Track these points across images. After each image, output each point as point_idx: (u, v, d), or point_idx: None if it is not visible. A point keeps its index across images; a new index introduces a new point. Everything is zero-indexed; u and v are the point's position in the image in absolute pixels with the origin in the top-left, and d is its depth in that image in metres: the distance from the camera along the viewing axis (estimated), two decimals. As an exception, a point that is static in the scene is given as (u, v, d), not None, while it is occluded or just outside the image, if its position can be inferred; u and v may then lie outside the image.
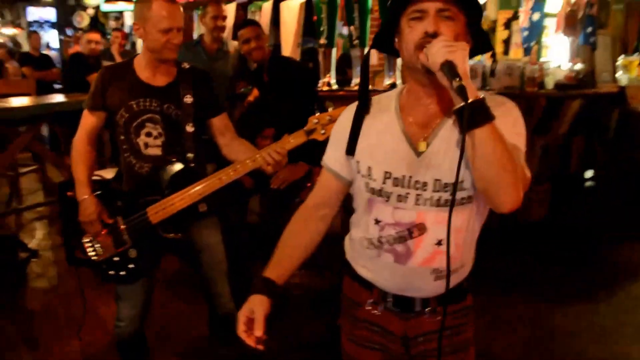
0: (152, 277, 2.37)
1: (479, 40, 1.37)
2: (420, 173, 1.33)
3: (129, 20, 10.21)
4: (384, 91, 1.49)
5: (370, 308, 1.47)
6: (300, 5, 4.95)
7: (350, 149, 1.41)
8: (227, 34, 4.27)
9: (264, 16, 5.36)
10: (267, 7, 5.31)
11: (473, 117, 1.16)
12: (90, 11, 10.76)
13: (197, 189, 2.18)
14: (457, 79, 1.16)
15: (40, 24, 12.78)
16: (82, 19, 11.17)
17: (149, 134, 2.25)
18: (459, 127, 1.23)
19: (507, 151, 1.20)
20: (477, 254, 1.49)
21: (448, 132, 1.32)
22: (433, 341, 1.43)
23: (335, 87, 4.72)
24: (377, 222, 1.39)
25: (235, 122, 2.82)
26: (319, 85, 4.62)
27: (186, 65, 2.34)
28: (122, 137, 2.25)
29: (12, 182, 5.19)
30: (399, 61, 4.40)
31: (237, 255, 2.86)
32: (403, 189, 1.34)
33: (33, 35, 8.29)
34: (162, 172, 2.23)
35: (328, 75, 4.75)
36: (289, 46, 4.93)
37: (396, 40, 1.35)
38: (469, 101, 1.15)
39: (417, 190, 1.33)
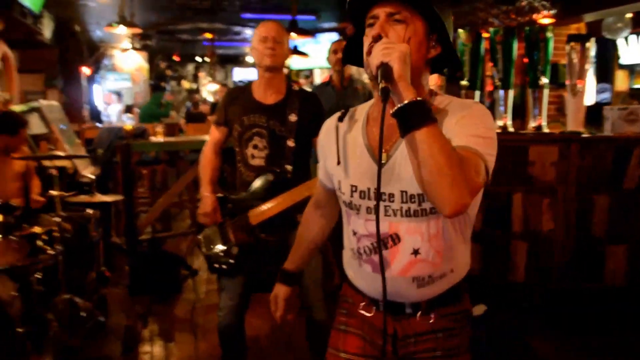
0: (251, 276, 2.71)
1: (450, 52, 1.38)
2: (385, 185, 1.35)
3: (318, 78, 11.33)
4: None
5: (363, 310, 1.54)
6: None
7: (339, 161, 1.47)
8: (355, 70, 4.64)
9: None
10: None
11: (408, 119, 1.16)
12: (285, 70, 12.14)
13: (290, 197, 2.51)
14: (383, 81, 1.16)
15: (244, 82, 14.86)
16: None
17: (255, 146, 2.64)
18: (400, 131, 1.19)
19: (446, 154, 1.16)
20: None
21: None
22: (424, 342, 1.46)
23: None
24: (354, 233, 1.46)
25: None
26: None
27: (296, 88, 2.76)
28: (237, 149, 2.70)
29: (191, 211, 6.17)
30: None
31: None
32: (370, 201, 1.39)
33: (222, 88, 9.76)
34: (262, 181, 2.60)
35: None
36: (430, 90, 5.12)
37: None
38: (404, 103, 1.15)
39: (385, 202, 1.36)
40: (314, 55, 8.75)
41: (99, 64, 12.63)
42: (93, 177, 3.94)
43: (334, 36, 9.21)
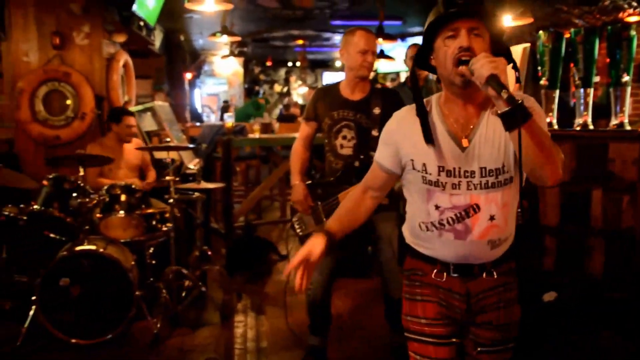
0: (340, 254, 3.06)
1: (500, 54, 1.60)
2: (467, 164, 1.65)
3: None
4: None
5: (435, 276, 1.77)
6: (524, 50, 5.26)
7: (428, 139, 1.67)
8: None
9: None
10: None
11: (518, 117, 1.42)
12: (372, 74, 12.50)
13: None
14: (505, 90, 1.40)
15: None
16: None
17: (344, 137, 3.01)
18: (505, 126, 1.46)
19: (547, 137, 1.50)
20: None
21: (484, 129, 1.64)
22: (490, 297, 1.75)
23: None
24: (437, 207, 1.70)
25: None
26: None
27: (379, 86, 3.11)
28: (326, 141, 3.10)
29: (282, 204, 6.67)
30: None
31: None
32: (455, 179, 1.66)
33: (311, 91, 10.25)
34: (352, 167, 2.95)
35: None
36: (510, 89, 5.27)
37: (432, 58, 1.68)
38: (516, 104, 1.40)
39: (467, 178, 1.65)
40: (401, 58, 8.99)
41: (199, 69, 13.58)
42: (197, 168, 4.47)
43: (420, 40, 9.42)
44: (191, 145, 5.21)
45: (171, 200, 3.84)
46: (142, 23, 5.94)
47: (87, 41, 5.27)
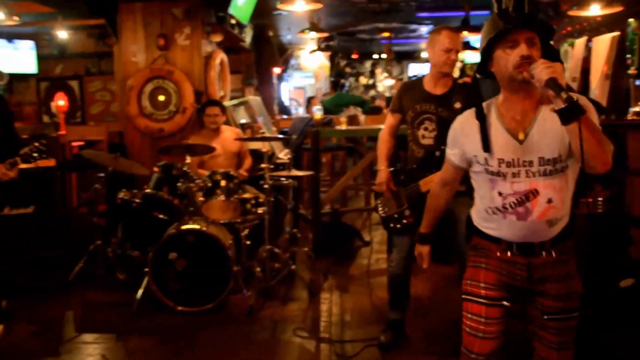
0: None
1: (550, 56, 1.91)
2: (526, 154, 1.92)
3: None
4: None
5: (500, 255, 2.06)
6: (612, 38, 5.30)
7: (486, 148, 1.97)
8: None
9: (576, 51, 5.87)
10: (580, 43, 5.81)
11: (576, 113, 1.66)
12: (459, 64, 12.61)
13: None
14: (564, 91, 1.66)
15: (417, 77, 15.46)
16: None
17: (426, 129, 3.29)
18: (562, 121, 1.70)
19: (599, 130, 1.76)
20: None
21: (540, 123, 1.91)
22: (549, 270, 2.03)
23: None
24: (500, 194, 1.99)
25: None
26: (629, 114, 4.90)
27: (460, 81, 3.36)
28: (409, 131, 3.40)
29: (366, 193, 7.03)
30: None
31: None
32: (515, 168, 1.94)
33: (398, 82, 10.47)
34: (433, 156, 3.22)
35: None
36: (595, 79, 5.34)
37: (489, 65, 1.97)
38: (568, 102, 1.65)
39: (526, 167, 1.93)
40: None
41: (287, 64, 14.17)
42: (288, 157, 4.91)
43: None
44: (280, 137, 5.68)
45: (266, 186, 4.29)
46: (234, 22, 6.48)
47: (188, 42, 5.86)
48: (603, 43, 5.46)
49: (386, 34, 11.74)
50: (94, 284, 4.66)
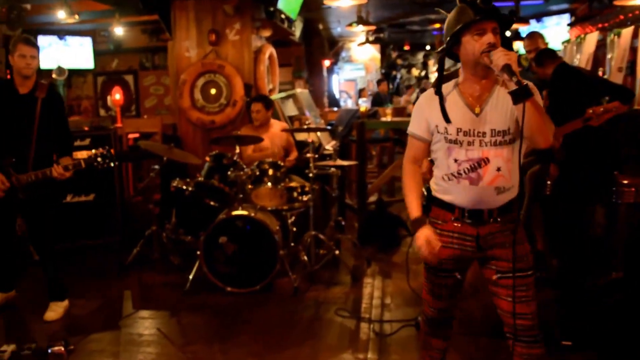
0: None
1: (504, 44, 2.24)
2: (480, 126, 2.27)
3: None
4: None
5: (453, 222, 2.37)
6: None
7: (445, 118, 2.29)
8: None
9: (622, 41, 5.94)
10: (627, 32, 5.87)
11: (525, 95, 2.04)
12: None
13: None
14: (515, 77, 2.02)
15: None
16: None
17: None
18: (513, 101, 2.07)
19: (543, 111, 2.13)
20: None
21: (493, 100, 2.26)
22: (497, 238, 2.33)
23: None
24: (455, 161, 2.32)
25: None
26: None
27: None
28: None
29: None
30: None
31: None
32: (470, 137, 2.28)
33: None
34: None
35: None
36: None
37: (456, 48, 2.27)
38: (523, 85, 2.02)
39: (480, 137, 2.27)
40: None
41: (337, 56, 14.50)
42: (334, 148, 5.23)
43: (564, 19, 9.44)
44: (328, 127, 6.00)
45: (311, 175, 4.62)
46: (283, 16, 6.84)
47: (238, 37, 6.26)
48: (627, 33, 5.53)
49: (437, 25, 11.89)
50: (150, 267, 5.13)
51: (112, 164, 3.95)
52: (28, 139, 3.85)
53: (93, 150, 3.93)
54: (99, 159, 3.88)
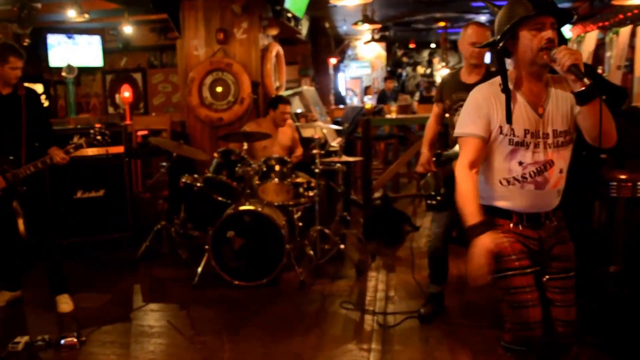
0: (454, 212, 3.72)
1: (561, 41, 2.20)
2: (544, 127, 2.19)
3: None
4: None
5: (512, 228, 2.26)
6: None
7: (509, 119, 2.17)
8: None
9: (621, 40, 5.98)
10: (626, 31, 5.92)
11: (593, 95, 1.98)
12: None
13: None
14: (586, 78, 1.94)
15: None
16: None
17: (460, 114, 3.64)
18: (578, 102, 2.02)
19: (606, 110, 2.03)
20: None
21: (553, 100, 2.20)
22: (553, 237, 2.31)
23: None
24: (520, 164, 2.21)
25: None
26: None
27: (492, 69, 3.67)
28: (447, 115, 3.73)
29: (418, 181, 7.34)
30: None
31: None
32: (537, 139, 2.19)
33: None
34: None
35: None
36: (638, 67, 5.45)
37: (511, 43, 2.15)
38: (590, 85, 1.94)
39: (544, 139, 2.19)
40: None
41: (343, 54, 14.56)
42: (339, 145, 5.30)
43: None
44: (332, 125, 6.08)
45: (317, 170, 4.70)
46: (290, 15, 6.91)
47: (246, 36, 6.33)
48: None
49: (442, 24, 11.93)
50: (159, 261, 5.22)
51: (108, 140, 4.14)
52: (18, 136, 3.95)
53: (91, 131, 4.08)
54: (99, 137, 4.03)
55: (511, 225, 2.28)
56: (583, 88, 1.97)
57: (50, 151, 3.94)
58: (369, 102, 6.17)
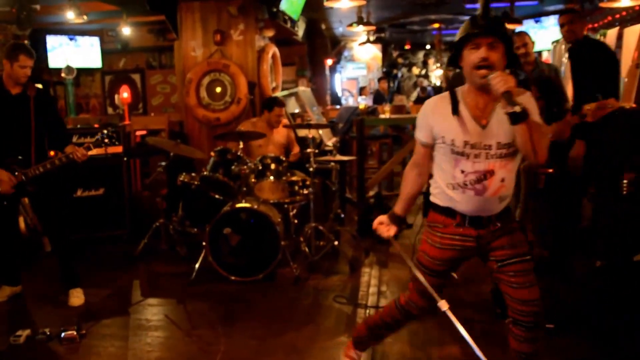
0: None
1: (511, 58, 2.36)
2: (487, 139, 2.33)
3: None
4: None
5: (455, 227, 2.47)
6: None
7: (456, 130, 2.35)
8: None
9: (608, 41, 6.08)
10: (613, 33, 6.02)
11: (521, 118, 2.11)
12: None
13: None
14: (516, 106, 2.08)
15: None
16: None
17: None
18: (509, 121, 2.14)
19: (538, 130, 2.20)
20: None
21: (497, 114, 2.31)
22: (496, 240, 2.44)
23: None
24: (462, 172, 2.38)
25: None
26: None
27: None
28: None
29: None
30: None
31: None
32: (477, 150, 2.34)
33: (446, 72, 10.84)
34: None
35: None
36: (626, 68, 5.55)
37: (460, 59, 2.37)
38: (518, 111, 2.10)
39: (486, 150, 2.34)
40: (538, 39, 9.23)
41: (339, 55, 14.65)
42: (334, 145, 5.38)
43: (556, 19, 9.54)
44: (327, 125, 6.17)
45: (311, 169, 4.78)
46: (286, 17, 7.00)
47: (242, 37, 6.42)
48: (634, 33, 5.68)
49: (436, 25, 12.02)
50: (158, 257, 5.32)
51: (116, 143, 4.21)
52: (27, 136, 4.02)
53: (99, 133, 4.16)
54: (106, 140, 4.08)
55: (454, 224, 2.48)
56: (512, 111, 2.12)
57: (68, 149, 4.00)
58: (363, 102, 6.25)
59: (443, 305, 2.45)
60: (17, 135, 4.00)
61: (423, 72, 17.33)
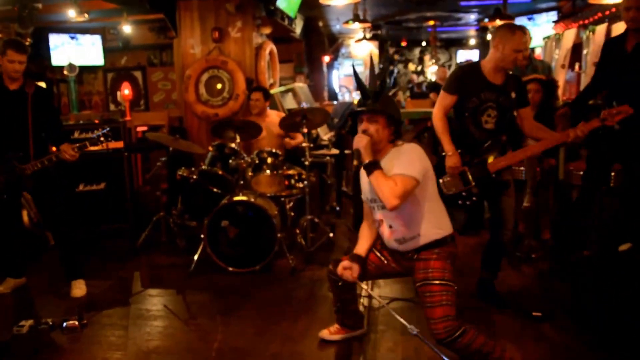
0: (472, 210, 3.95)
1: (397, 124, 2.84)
2: (373, 195, 2.82)
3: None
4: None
5: (381, 248, 3.10)
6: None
7: (360, 190, 3.05)
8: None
9: (596, 38, 6.10)
10: (601, 29, 6.04)
11: (368, 170, 2.70)
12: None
13: (521, 154, 3.61)
14: (357, 161, 2.73)
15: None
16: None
17: (489, 115, 3.59)
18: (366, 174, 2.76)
19: (383, 182, 2.64)
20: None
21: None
22: (416, 269, 2.86)
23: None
24: (375, 217, 2.98)
25: None
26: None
27: (510, 72, 3.61)
28: (467, 114, 3.61)
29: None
30: None
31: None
32: (372, 204, 2.93)
33: (440, 69, 10.83)
34: (499, 140, 3.58)
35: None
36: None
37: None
38: (365, 163, 2.70)
39: (376, 203, 2.88)
40: (535, 34, 9.24)
41: (337, 52, 14.65)
42: (329, 139, 5.40)
43: (553, 16, 9.57)
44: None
45: (306, 163, 4.81)
46: (284, 14, 7.01)
47: (240, 34, 6.44)
48: (622, 28, 5.66)
49: (432, 22, 12.02)
50: (158, 250, 5.35)
51: (111, 141, 4.19)
52: (25, 132, 4.03)
53: (95, 132, 4.17)
54: (102, 138, 4.08)
55: (381, 246, 3.12)
56: (363, 163, 2.72)
57: (63, 147, 4.00)
58: (357, 97, 6.26)
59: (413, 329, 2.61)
60: (15, 131, 4.02)
61: (419, 68, 17.33)
